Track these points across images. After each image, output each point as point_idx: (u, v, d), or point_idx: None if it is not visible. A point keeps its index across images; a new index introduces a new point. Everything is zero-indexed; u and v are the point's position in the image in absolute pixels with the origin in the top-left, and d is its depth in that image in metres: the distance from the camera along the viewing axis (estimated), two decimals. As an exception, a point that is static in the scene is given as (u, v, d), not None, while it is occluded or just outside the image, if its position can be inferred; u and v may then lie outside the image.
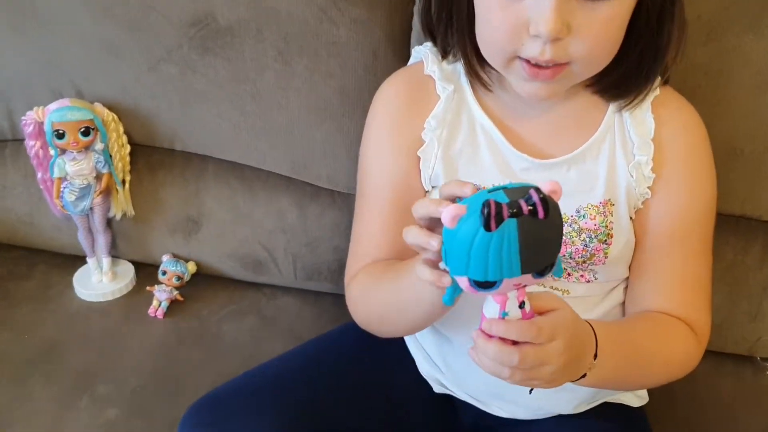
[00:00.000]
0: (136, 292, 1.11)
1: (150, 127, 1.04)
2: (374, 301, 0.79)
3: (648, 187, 0.75)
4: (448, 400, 0.89)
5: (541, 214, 0.48)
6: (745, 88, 0.86)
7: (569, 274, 0.78)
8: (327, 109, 0.97)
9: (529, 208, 0.49)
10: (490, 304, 0.57)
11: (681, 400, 0.96)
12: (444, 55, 0.79)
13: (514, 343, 0.58)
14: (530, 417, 0.85)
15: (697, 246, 0.77)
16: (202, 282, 1.12)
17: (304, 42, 0.93)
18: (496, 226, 0.48)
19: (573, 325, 0.63)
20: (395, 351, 0.90)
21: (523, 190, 0.50)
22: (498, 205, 0.48)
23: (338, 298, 1.07)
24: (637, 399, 0.88)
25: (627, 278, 0.81)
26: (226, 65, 0.97)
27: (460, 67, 0.79)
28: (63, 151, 1.01)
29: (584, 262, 0.77)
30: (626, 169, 0.75)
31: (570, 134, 0.76)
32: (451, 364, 0.85)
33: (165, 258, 1.10)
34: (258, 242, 1.08)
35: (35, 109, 1.00)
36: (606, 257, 0.76)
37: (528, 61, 0.68)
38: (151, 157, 1.07)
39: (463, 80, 0.79)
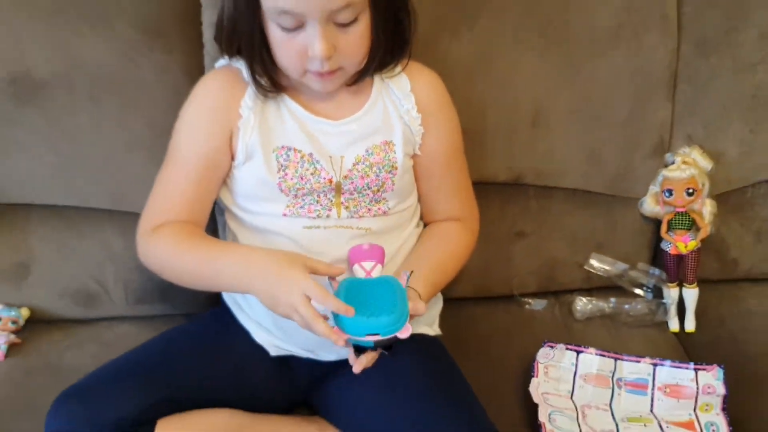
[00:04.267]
0: (-31, 344, 1.16)
1: (-29, 184, 1.13)
2: (181, 267, 0.99)
3: (420, 124, 1.04)
4: (285, 361, 1.06)
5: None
6: (459, 82, 1.15)
7: (368, 209, 1.02)
8: (139, 142, 1.13)
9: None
10: None
11: (466, 333, 1.20)
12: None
13: None
14: (355, 354, 1.04)
15: (461, 163, 1.11)
16: (37, 326, 1.19)
17: (113, 85, 1.11)
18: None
19: None
20: (233, 329, 1.07)
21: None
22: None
23: (171, 319, 1.21)
24: (431, 330, 1.11)
25: (413, 212, 1.08)
26: (42, 113, 1.11)
27: None
28: None
29: (378, 190, 1.02)
30: (398, 117, 1.03)
31: (352, 102, 1.03)
32: (281, 325, 1.03)
33: (-3, 307, 1.17)
34: (88, 276, 1.19)
35: None
36: (394, 184, 1.02)
37: (315, 72, 0.94)
38: (-26, 212, 1.16)
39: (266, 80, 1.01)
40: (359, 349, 0.92)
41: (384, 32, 0.97)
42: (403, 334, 0.87)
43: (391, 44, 0.99)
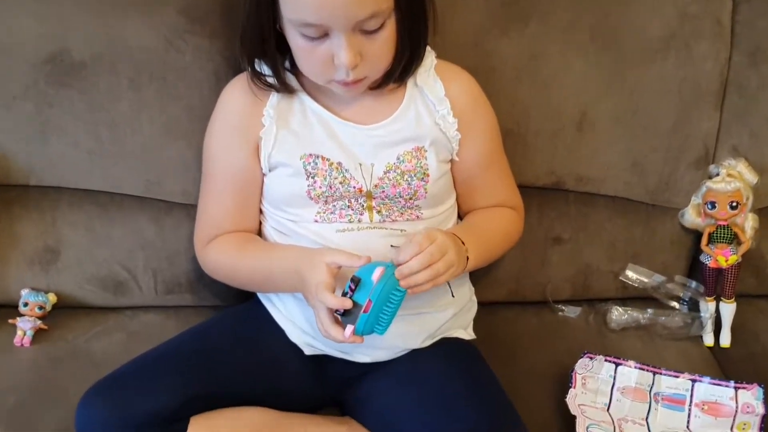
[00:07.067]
0: (-6, 329, 1.14)
1: (5, 165, 1.11)
2: (239, 271, 1.03)
3: (456, 130, 1.01)
4: (318, 360, 1.04)
5: None
6: (505, 81, 1.14)
7: (401, 214, 1.00)
8: (177, 128, 1.11)
9: None
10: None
11: (500, 337, 1.18)
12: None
13: None
14: (390, 357, 1.02)
15: (502, 161, 1.10)
16: (63, 312, 1.17)
17: (154, 70, 1.08)
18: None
19: (448, 240, 0.92)
20: (268, 326, 1.05)
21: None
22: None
23: (198, 311, 1.18)
24: (466, 334, 1.09)
25: (449, 215, 1.06)
26: (81, 97, 1.09)
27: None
28: None
29: (411, 198, 0.99)
30: (433, 124, 1.01)
31: (383, 108, 1.00)
32: (316, 325, 1.00)
33: (24, 292, 1.15)
34: (117, 263, 1.17)
35: None
36: (426, 192, 1.00)
37: (340, 81, 0.92)
38: (5, 193, 1.14)
39: (291, 78, 1.00)
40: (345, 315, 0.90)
41: (410, 36, 0.95)
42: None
43: (416, 47, 0.97)
